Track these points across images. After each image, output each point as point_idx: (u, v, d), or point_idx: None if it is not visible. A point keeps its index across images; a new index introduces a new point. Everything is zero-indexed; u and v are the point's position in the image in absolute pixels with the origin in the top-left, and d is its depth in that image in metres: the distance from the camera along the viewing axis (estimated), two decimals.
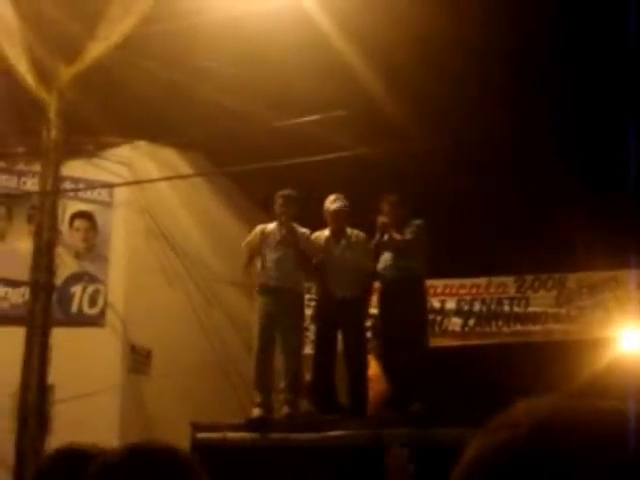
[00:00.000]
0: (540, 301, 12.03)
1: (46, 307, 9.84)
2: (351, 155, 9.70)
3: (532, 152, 12.40)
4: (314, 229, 8.95)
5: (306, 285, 9.34)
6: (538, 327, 12.00)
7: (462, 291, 12.32)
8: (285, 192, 8.75)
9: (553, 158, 12.57)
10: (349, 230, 8.83)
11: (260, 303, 8.66)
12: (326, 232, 8.85)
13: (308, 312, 9.68)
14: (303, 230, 8.86)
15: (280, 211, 8.71)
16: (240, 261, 9.07)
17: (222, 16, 9.53)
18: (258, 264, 8.77)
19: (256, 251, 8.78)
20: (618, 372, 10.52)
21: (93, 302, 11.22)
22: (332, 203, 8.75)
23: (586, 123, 10.01)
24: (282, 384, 8.46)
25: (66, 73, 10.03)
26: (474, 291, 12.30)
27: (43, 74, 10.10)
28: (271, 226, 8.78)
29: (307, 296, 9.51)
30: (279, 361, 8.57)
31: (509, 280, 12.26)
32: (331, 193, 8.87)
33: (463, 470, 0.94)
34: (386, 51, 10.54)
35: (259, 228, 8.89)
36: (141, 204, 11.49)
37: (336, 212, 8.71)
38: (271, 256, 8.66)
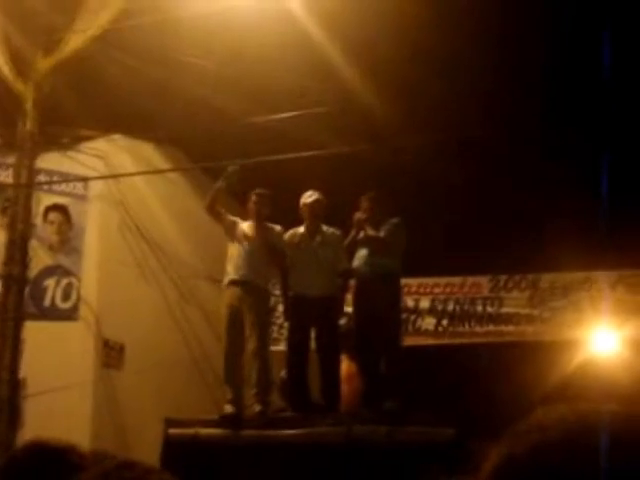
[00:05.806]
0: (513, 301, 12.07)
1: (19, 300, 9.77)
2: (330, 153, 9.70)
3: (509, 154, 12.47)
4: (290, 226, 8.96)
5: (273, 281, 9.35)
6: (511, 328, 12.04)
7: (436, 290, 12.34)
8: (259, 190, 8.85)
9: (530, 160, 12.65)
10: (324, 227, 8.84)
11: (227, 297, 8.68)
12: (301, 229, 8.86)
13: (282, 309, 9.66)
14: (276, 227, 8.89)
15: (254, 209, 8.77)
16: (215, 256, 9.02)
17: (202, 11, 9.50)
18: (228, 256, 8.80)
19: (222, 219, 8.77)
20: (589, 374, 10.60)
21: (66, 296, 11.15)
22: (308, 197, 8.80)
23: (565, 125, 10.07)
24: (252, 380, 8.46)
25: (43, 64, 9.95)
26: (448, 290, 12.32)
27: (20, 65, 10.02)
28: (244, 224, 8.84)
29: (278, 292, 9.49)
30: (248, 357, 8.57)
31: (483, 280, 12.29)
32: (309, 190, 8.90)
33: (494, 470, 0.99)
34: (367, 48, 10.55)
35: (234, 218, 8.93)
36: (116, 198, 11.43)
37: (312, 205, 8.73)
38: (240, 252, 8.69)
